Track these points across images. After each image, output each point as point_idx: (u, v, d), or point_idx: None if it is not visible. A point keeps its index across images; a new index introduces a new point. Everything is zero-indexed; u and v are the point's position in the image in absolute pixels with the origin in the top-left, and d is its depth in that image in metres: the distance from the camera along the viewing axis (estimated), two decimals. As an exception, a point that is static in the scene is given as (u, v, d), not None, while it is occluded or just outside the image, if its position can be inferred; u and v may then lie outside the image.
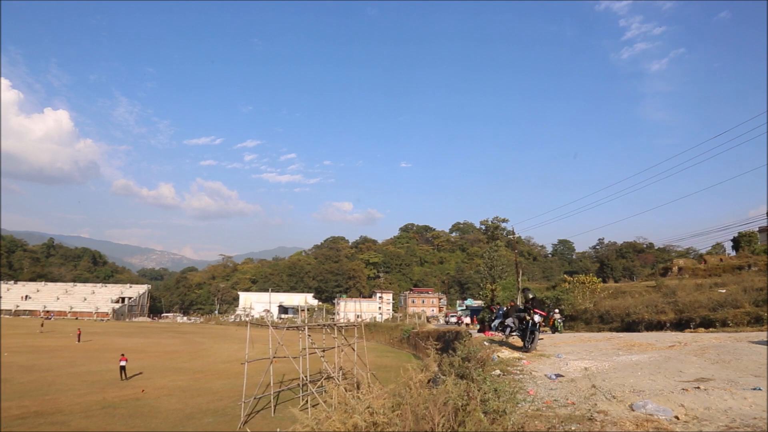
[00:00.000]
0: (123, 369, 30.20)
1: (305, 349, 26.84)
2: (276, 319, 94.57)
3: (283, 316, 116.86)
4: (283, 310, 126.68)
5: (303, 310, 48.38)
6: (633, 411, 6.35)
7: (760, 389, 7.10)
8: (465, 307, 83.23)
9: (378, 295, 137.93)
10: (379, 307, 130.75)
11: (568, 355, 12.15)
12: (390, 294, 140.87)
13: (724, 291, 27.33)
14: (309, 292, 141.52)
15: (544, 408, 6.80)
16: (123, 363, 30.32)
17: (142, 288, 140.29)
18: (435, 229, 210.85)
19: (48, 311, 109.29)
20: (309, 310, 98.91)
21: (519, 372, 10.23)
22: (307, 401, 24.16)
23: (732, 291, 26.08)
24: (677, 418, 5.95)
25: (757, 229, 54.94)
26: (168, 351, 47.46)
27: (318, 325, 34.09)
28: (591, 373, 9.40)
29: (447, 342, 29.20)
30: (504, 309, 19.46)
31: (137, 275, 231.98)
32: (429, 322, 71.17)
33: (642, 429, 5.54)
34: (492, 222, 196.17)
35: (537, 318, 13.48)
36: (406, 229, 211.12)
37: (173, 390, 27.14)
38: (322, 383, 27.27)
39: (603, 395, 7.33)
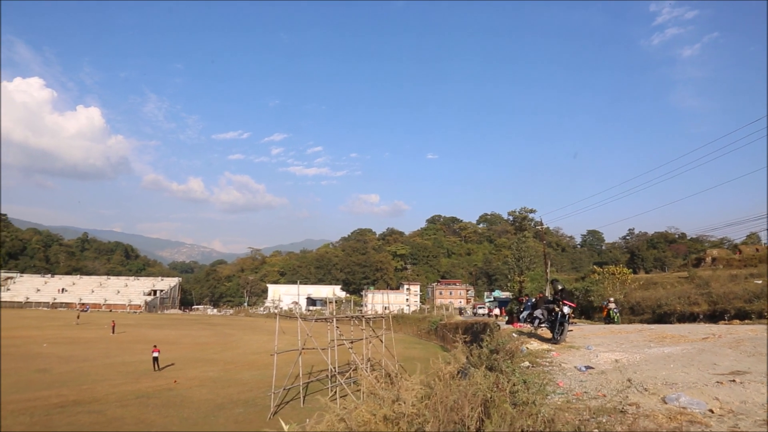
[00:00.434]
0: (156, 360, 31.02)
1: (333, 341, 27.12)
2: (304, 311, 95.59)
3: (311, 308, 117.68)
4: (311, 302, 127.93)
5: (331, 301, 48.93)
6: (666, 404, 6.24)
7: (799, 383, 6.89)
8: (493, 299, 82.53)
9: (405, 287, 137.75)
10: (407, 299, 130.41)
11: (598, 347, 12.00)
12: (417, 286, 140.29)
13: (760, 282, 26.51)
14: (337, 284, 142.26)
15: (574, 400, 6.75)
16: (156, 354, 31.12)
17: (173, 281, 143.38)
18: (462, 221, 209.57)
19: (83, 304, 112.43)
20: (337, 302, 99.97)
21: (548, 364, 10.16)
22: (336, 392, 24.51)
23: (769, 282, 25.31)
24: (712, 411, 5.83)
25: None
26: (199, 342, 48.58)
27: (346, 317, 34.45)
28: (622, 365, 9.27)
29: (475, 334, 29.05)
30: (532, 300, 19.29)
31: (168, 268, 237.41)
32: (461, 314, 70.66)
33: (675, 422, 5.44)
34: (520, 213, 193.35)
35: (566, 309, 13.36)
36: (433, 221, 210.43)
37: (204, 381, 27.84)
38: (350, 374, 27.59)
39: (635, 387, 7.23)
